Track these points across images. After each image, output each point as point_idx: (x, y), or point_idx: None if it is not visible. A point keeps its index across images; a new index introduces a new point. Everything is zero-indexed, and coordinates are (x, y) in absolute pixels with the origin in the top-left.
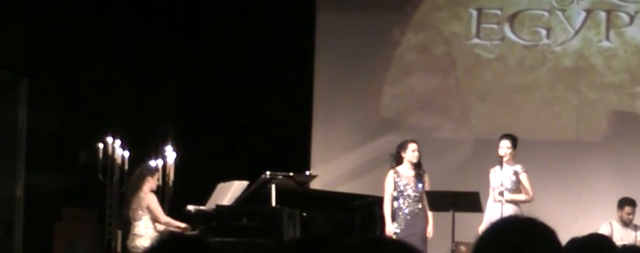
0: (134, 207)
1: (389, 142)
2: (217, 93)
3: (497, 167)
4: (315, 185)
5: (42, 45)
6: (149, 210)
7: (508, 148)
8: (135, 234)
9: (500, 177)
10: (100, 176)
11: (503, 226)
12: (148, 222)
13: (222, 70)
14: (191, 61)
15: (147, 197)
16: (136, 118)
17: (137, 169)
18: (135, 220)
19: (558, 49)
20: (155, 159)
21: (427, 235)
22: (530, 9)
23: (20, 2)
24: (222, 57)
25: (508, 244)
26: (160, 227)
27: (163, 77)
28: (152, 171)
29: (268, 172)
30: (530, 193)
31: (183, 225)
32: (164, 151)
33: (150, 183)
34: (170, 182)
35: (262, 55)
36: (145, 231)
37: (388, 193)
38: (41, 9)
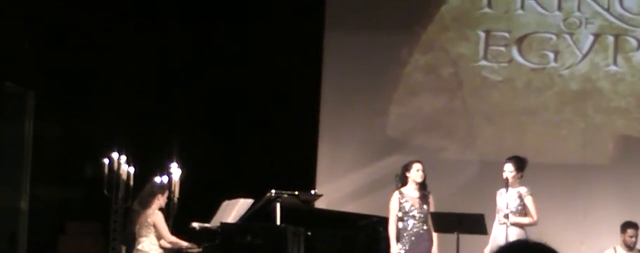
0: (140, 223)
1: (394, 161)
2: (224, 111)
3: (503, 190)
4: (320, 204)
5: (49, 57)
6: (155, 228)
7: (511, 172)
8: (139, 250)
9: (506, 200)
10: (105, 191)
11: (512, 250)
12: (154, 238)
13: (228, 88)
14: (198, 78)
15: (155, 214)
16: (142, 134)
17: (147, 186)
18: (140, 236)
19: (565, 72)
20: (161, 176)
21: None
22: (538, 32)
23: (28, 14)
24: (229, 74)
25: None
26: (166, 244)
27: (169, 93)
28: (163, 189)
29: (273, 190)
30: (535, 216)
31: (187, 244)
32: (170, 168)
33: (160, 201)
34: (176, 199)
35: (269, 73)
36: (150, 247)
37: (393, 214)
38: (48, 22)
